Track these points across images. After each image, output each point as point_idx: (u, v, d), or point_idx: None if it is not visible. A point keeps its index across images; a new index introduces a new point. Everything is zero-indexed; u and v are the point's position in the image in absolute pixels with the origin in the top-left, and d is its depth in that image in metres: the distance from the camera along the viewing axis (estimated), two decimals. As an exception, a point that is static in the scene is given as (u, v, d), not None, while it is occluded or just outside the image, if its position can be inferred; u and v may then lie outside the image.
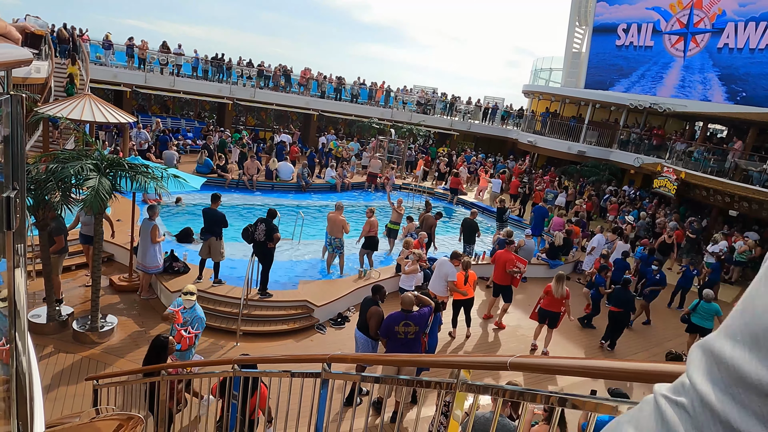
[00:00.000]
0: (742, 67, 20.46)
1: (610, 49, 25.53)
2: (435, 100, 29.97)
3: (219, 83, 23.66)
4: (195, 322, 6.19)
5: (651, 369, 1.32)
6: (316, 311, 8.92)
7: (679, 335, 10.68)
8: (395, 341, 6.37)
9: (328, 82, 26.86)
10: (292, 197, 17.43)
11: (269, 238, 8.54)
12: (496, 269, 10.04)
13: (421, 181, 21.94)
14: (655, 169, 19.86)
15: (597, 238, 13.06)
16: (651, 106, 22.60)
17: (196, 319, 6.22)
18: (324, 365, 3.08)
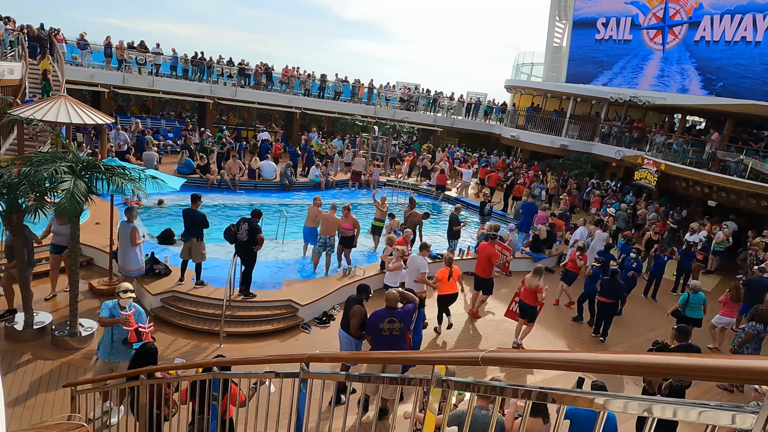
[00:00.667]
0: (718, 60, 20.81)
1: (590, 43, 25.77)
2: (418, 96, 29.97)
3: (199, 82, 23.37)
4: (138, 317, 5.94)
5: (626, 360, 1.32)
6: (300, 310, 8.87)
7: (662, 325, 10.84)
8: (380, 338, 6.36)
9: (311, 79, 26.70)
10: (275, 196, 17.30)
11: (252, 238, 8.45)
12: (478, 262, 10.09)
13: (406, 178, 21.95)
14: (636, 162, 20.10)
15: (579, 231, 13.18)
16: (631, 99, 22.86)
17: (140, 314, 6.02)
18: (302, 365, 3.05)
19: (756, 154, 16.37)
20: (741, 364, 1.05)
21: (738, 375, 1.04)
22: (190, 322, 8.24)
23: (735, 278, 13.17)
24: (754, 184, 15.45)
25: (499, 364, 1.74)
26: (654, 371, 1.25)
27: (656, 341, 6.84)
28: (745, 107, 17.00)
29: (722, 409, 1.09)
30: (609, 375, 7.78)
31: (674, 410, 1.19)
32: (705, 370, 1.12)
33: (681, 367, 1.19)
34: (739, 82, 20.11)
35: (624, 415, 1.43)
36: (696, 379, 1.48)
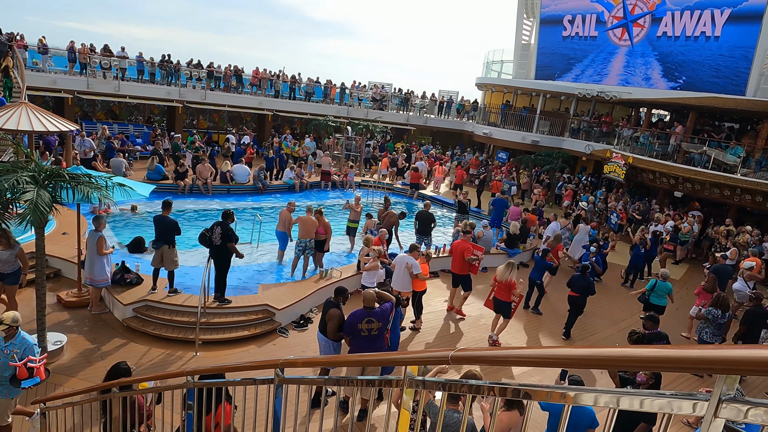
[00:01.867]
0: (680, 54, 21.44)
1: (557, 40, 26.22)
2: (390, 95, 30.03)
3: (168, 86, 22.93)
4: (27, 350, 5.18)
5: (593, 355, 1.34)
6: (277, 315, 8.79)
7: (632, 314, 11.11)
8: (359, 339, 6.36)
9: (282, 80, 26.48)
10: (250, 200, 17.12)
11: (226, 240, 8.34)
12: (453, 259, 10.19)
13: (381, 178, 21.97)
14: (605, 155, 20.55)
15: (551, 226, 13.42)
16: (598, 95, 23.36)
17: (27, 348, 5.21)
18: (277, 371, 3.03)
19: (718, 145, 16.93)
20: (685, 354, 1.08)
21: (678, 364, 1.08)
22: (165, 331, 8.08)
23: (701, 267, 13.60)
24: (717, 174, 15.98)
25: (469, 363, 1.76)
26: (621, 365, 1.29)
27: (633, 331, 7.00)
28: (706, 100, 17.56)
29: (677, 398, 1.13)
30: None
31: (641, 401, 1.22)
32: (662, 361, 1.15)
33: (641, 359, 1.23)
34: (700, 76, 20.76)
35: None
36: (658, 371, 1.53)
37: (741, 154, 15.95)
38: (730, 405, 1.03)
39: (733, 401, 1.03)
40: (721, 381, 1.04)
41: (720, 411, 1.04)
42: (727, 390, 1.04)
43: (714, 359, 1.00)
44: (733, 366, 0.98)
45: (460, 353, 1.72)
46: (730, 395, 1.04)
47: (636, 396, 1.25)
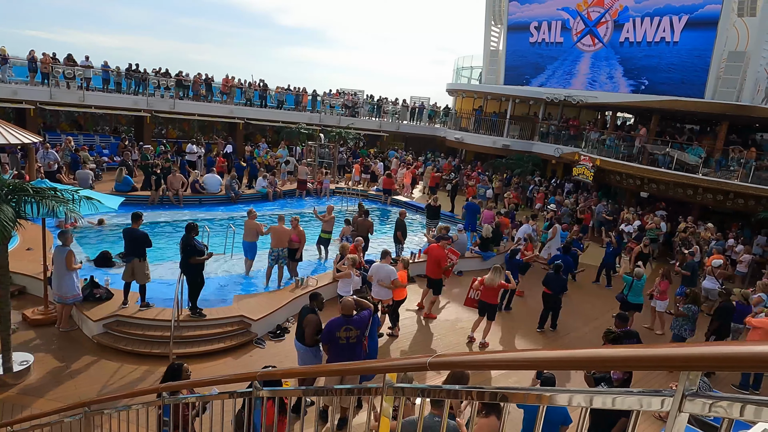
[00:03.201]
0: (642, 59, 22.17)
1: (524, 47, 26.78)
2: (362, 102, 30.11)
3: (135, 95, 22.46)
4: None
5: (567, 356, 1.39)
6: (253, 325, 8.68)
7: (605, 313, 11.38)
8: (337, 347, 6.34)
9: (253, 89, 26.27)
10: (222, 210, 16.88)
11: (186, 253, 8.22)
12: (428, 263, 10.29)
13: (354, 184, 21.96)
14: (573, 158, 21.05)
15: (523, 228, 13.67)
16: (565, 99, 23.95)
17: None
18: (255, 383, 3.00)
19: (680, 146, 17.54)
20: (671, 352, 1.14)
21: (645, 363, 1.13)
22: (137, 347, 7.90)
23: (669, 264, 14.03)
24: (680, 174, 16.54)
25: (447, 368, 1.79)
26: (591, 365, 1.33)
27: (609, 330, 7.18)
28: (668, 103, 18.20)
29: (644, 395, 1.18)
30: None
31: (613, 400, 1.27)
32: (637, 360, 1.20)
33: (609, 359, 1.28)
34: (661, 80, 21.50)
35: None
36: (614, 370, 1.59)
37: (701, 155, 16.56)
38: (694, 400, 1.09)
39: (697, 396, 1.09)
40: (684, 377, 1.09)
41: (684, 406, 1.09)
42: (690, 385, 1.09)
43: (676, 357, 1.05)
44: (694, 363, 1.03)
45: (438, 359, 1.75)
46: (693, 390, 1.09)
47: (608, 395, 1.30)
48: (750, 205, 15.70)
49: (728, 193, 15.86)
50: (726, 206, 16.49)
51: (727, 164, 16.45)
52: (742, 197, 15.74)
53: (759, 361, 0.94)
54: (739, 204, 15.99)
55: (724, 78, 18.74)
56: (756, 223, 16.11)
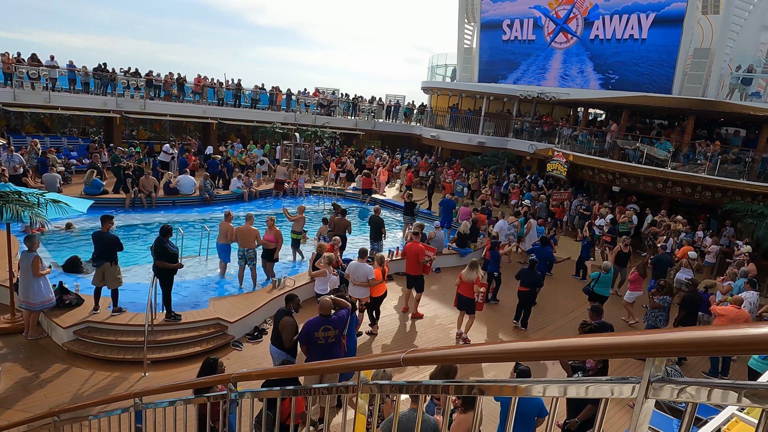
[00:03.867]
0: (611, 56, 22.60)
1: (497, 44, 27.04)
2: (337, 101, 29.99)
3: (104, 96, 21.90)
4: None
5: (538, 347, 1.39)
6: (230, 328, 8.56)
7: (581, 305, 11.58)
8: (315, 347, 6.30)
9: (226, 88, 25.89)
10: (197, 212, 16.59)
11: (158, 256, 8.06)
12: (407, 261, 10.29)
13: (330, 183, 21.87)
14: (547, 154, 21.35)
15: (499, 224, 13.81)
16: (538, 96, 24.27)
17: None
18: (230, 385, 2.95)
19: (650, 141, 17.96)
20: (636, 339, 1.15)
21: (612, 350, 1.14)
22: (110, 353, 7.71)
23: (641, 257, 14.37)
24: (650, 168, 16.95)
25: (421, 363, 1.79)
26: (562, 355, 1.34)
27: (584, 322, 7.30)
28: (637, 99, 18.61)
29: (612, 383, 1.19)
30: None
31: (572, 389, 1.28)
32: (607, 348, 1.21)
33: (579, 348, 1.29)
34: (630, 76, 21.96)
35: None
36: (582, 358, 1.61)
37: (670, 149, 16.98)
38: (660, 385, 1.10)
39: (662, 381, 1.10)
40: (650, 363, 1.11)
41: (650, 392, 1.11)
42: (655, 371, 1.11)
43: (640, 344, 1.07)
44: (658, 348, 1.04)
45: (412, 355, 1.75)
46: (658, 376, 1.11)
47: (581, 384, 1.31)
48: (716, 197, 16.18)
49: (696, 185, 16.31)
50: (694, 199, 16.96)
51: (695, 158, 16.91)
52: (709, 190, 16.21)
53: (719, 345, 0.95)
54: (706, 196, 16.46)
55: (690, 74, 19.24)
56: (722, 215, 16.62)
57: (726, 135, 19.08)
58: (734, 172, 15.97)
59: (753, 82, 17.89)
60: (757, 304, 9.67)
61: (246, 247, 10.22)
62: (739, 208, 15.00)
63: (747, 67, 18.00)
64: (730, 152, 16.27)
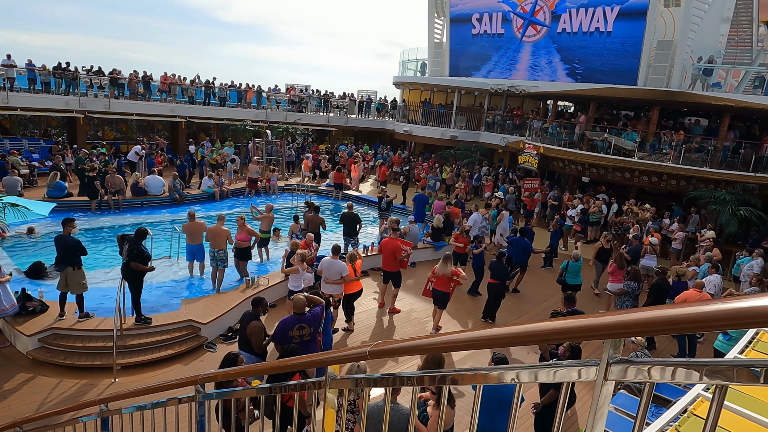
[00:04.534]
0: (578, 49, 22.97)
1: (467, 38, 27.18)
2: (309, 97, 29.74)
3: (66, 96, 21.19)
4: None
5: (498, 334, 1.38)
6: (203, 329, 8.41)
7: (553, 294, 11.77)
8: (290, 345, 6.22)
9: (194, 86, 25.37)
10: (167, 212, 16.22)
11: (131, 257, 7.85)
12: (384, 257, 10.26)
13: (304, 180, 21.68)
14: (518, 147, 21.62)
15: (473, 217, 13.91)
16: (509, 89, 24.53)
17: None
18: (197, 387, 2.88)
19: (618, 132, 18.35)
20: (596, 321, 1.14)
21: (572, 334, 1.14)
22: (77, 360, 7.48)
23: (616, 248, 14.66)
24: (618, 158, 17.33)
25: (387, 356, 1.76)
26: (522, 341, 1.33)
27: (555, 311, 7.41)
28: (604, 91, 18.98)
29: (573, 366, 1.19)
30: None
31: (536, 374, 1.27)
32: (574, 331, 1.21)
33: (540, 333, 1.28)
34: (597, 68, 22.37)
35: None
36: (544, 342, 1.61)
37: (636, 139, 17.39)
38: (619, 367, 1.10)
39: (621, 363, 1.10)
40: (608, 345, 1.10)
41: (609, 374, 1.10)
42: (614, 353, 1.11)
43: (597, 326, 1.06)
44: (614, 330, 1.04)
45: (378, 348, 1.72)
46: (617, 357, 1.11)
47: (550, 369, 1.30)
48: (681, 185, 16.65)
49: (662, 174, 16.75)
50: (660, 187, 17.42)
51: (660, 147, 17.36)
52: (674, 178, 16.67)
53: (672, 323, 0.95)
54: (672, 185, 16.92)
55: (655, 66, 19.71)
56: (687, 202, 17.11)
57: (689, 125, 19.63)
58: (698, 160, 16.46)
59: (714, 73, 18.44)
60: (721, 286, 10.00)
61: (216, 248, 10.01)
62: (702, 195, 15.47)
63: (708, 59, 18.54)
64: (693, 141, 16.75)
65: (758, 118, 18.77)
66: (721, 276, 10.14)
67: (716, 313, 0.91)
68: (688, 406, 3.82)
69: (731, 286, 12.03)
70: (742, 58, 22.69)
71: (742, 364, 0.95)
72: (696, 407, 3.79)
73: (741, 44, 24.30)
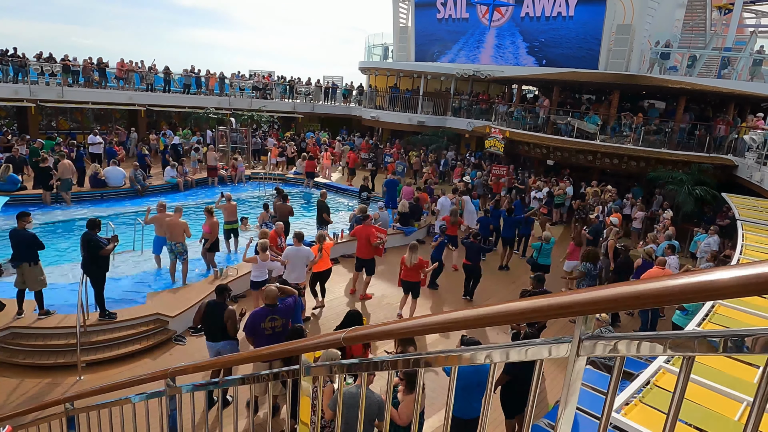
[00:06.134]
0: (541, 34, 23.24)
1: (432, 23, 27.12)
2: (273, 84, 29.18)
3: (15, 84, 20.14)
4: None
5: (474, 315, 1.39)
6: (171, 323, 8.24)
7: (521, 275, 12.03)
8: (262, 338, 6.17)
9: (153, 72, 24.50)
10: (129, 204, 15.72)
11: (90, 250, 7.60)
12: (358, 244, 10.24)
13: (272, 168, 21.36)
14: (485, 131, 21.82)
15: (441, 201, 14.01)
16: (474, 74, 24.64)
17: None
18: (167, 381, 2.82)
19: (580, 116, 18.74)
20: (563, 300, 1.16)
21: (544, 312, 1.16)
22: (38, 359, 7.22)
23: (575, 228, 15.05)
24: (581, 141, 17.73)
25: (361, 341, 1.76)
26: (497, 320, 1.34)
27: (524, 290, 7.58)
28: (566, 75, 19.30)
29: (545, 344, 1.21)
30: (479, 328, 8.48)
31: (508, 353, 1.29)
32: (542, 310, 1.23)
33: (512, 312, 1.30)
34: (559, 53, 22.71)
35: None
36: (516, 322, 1.64)
37: (598, 123, 17.81)
38: (591, 342, 1.12)
39: (592, 339, 1.13)
40: (581, 321, 1.13)
41: (581, 350, 1.13)
42: (585, 329, 1.13)
43: (570, 303, 1.08)
44: (586, 307, 1.06)
45: (352, 333, 1.71)
46: (588, 334, 1.13)
47: (522, 347, 1.32)
48: (641, 166, 17.18)
49: (623, 156, 17.24)
50: (621, 169, 17.94)
51: (621, 130, 17.84)
52: (634, 160, 17.19)
53: (642, 297, 0.97)
54: (632, 166, 17.44)
55: (614, 50, 20.14)
56: (646, 183, 17.69)
57: (648, 107, 20.21)
58: (656, 142, 17.00)
59: (670, 57, 18.98)
60: (678, 267, 10.40)
61: (174, 240, 9.73)
62: (661, 176, 16.01)
63: (665, 43, 19.06)
64: (652, 123, 17.26)
65: (711, 101, 19.50)
66: (676, 256, 10.50)
67: (682, 287, 0.94)
68: (650, 378, 3.98)
69: (688, 262, 12.55)
70: (697, 42, 23.44)
71: (702, 335, 0.98)
72: (658, 379, 3.96)
73: (696, 28, 25.10)
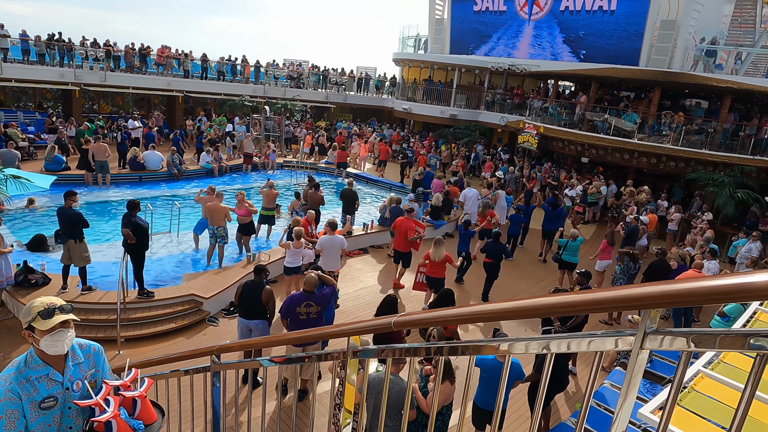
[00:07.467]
0: (580, 28, 22.72)
1: (469, 15, 26.80)
2: (307, 73, 29.38)
3: (60, 68, 20.84)
4: (95, 368, 2.50)
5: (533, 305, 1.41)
6: (205, 304, 8.48)
7: (551, 273, 11.89)
8: (297, 322, 6.31)
9: (190, 59, 24.97)
10: (165, 187, 16.15)
11: (134, 231, 7.87)
12: (396, 237, 10.31)
13: (304, 157, 21.58)
14: (518, 126, 21.53)
15: (464, 193, 13.92)
16: (510, 68, 24.30)
17: (92, 361, 2.51)
18: (213, 357, 2.93)
19: (617, 113, 18.29)
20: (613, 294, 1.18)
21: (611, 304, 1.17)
22: (81, 332, 7.52)
23: (610, 227, 14.77)
24: (617, 139, 17.31)
25: (412, 326, 1.80)
26: (557, 311, 1.36)
27: (556, 288, 7.49)
28: (605, 71, 18.83)
29: (607, 336, 1.22)
30: (512, 323, 8.43)
31: (568, 344, 1.31)
32: (587, 304, 1.24)
33: (567, 304, 1.32)
34: (599, 48, 22.17)
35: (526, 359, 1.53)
36: (582, 313, 1.64)
37: (636, 121, 17.34)
38: (654, 336, 1.14)
39: (656, 333, 1.14)
40: (646, 316, 1.14)
41: (645, 343, 1.14)
42: (650, 324, 1.14)
43: (639, 296, 1.09)
44: (654, 300, 1.07)
45: (403, 318, 1.75)
46: (653, 328, 1.14)
47: (585, 338, 1.30)
48: (680, 167, 16.68)
49: (661, 156, 16.77)
50: (659, 169, 17.45)
51: (660, 129, 17.33)
52: (673, 160, 16.69)
53: (712, 294, 0.98)
54: (670, 166, 16.95)
55: (657, 46, 19.54)
56: (685, 184, 17.18)
57: (690, 106, 19.56)
58: (697, 142, 16.46)
59: (716, 54, 18.31)
60: (717, 272, 10.09)
61: (215, 225, 9.97)
62: (701, 177, 15.52)
63: (711, 39, 18.40)
64: (694, 123, 16.72)
65: (758, 101, 18.74)
66: (716, 260, 10.19)
67: (753, 285, 0.94)
68: (688, 383, 3.92)
69: (726, 267, 12.17)
70: (745, 40, 22.51)
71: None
72: (696, 383, 3.89)
73: (744, 25, 24.07)
